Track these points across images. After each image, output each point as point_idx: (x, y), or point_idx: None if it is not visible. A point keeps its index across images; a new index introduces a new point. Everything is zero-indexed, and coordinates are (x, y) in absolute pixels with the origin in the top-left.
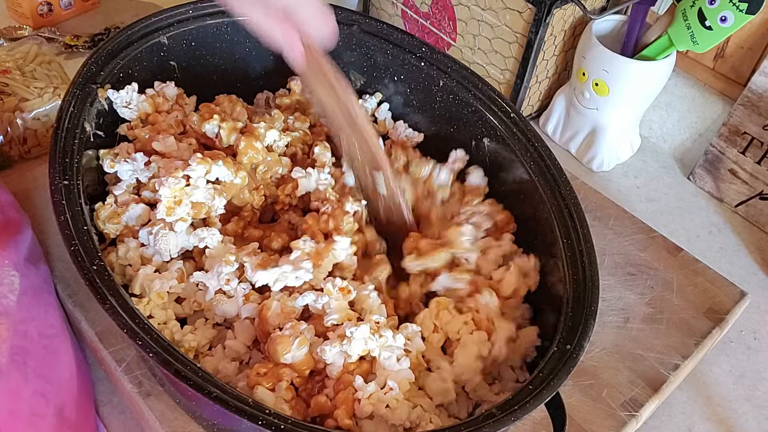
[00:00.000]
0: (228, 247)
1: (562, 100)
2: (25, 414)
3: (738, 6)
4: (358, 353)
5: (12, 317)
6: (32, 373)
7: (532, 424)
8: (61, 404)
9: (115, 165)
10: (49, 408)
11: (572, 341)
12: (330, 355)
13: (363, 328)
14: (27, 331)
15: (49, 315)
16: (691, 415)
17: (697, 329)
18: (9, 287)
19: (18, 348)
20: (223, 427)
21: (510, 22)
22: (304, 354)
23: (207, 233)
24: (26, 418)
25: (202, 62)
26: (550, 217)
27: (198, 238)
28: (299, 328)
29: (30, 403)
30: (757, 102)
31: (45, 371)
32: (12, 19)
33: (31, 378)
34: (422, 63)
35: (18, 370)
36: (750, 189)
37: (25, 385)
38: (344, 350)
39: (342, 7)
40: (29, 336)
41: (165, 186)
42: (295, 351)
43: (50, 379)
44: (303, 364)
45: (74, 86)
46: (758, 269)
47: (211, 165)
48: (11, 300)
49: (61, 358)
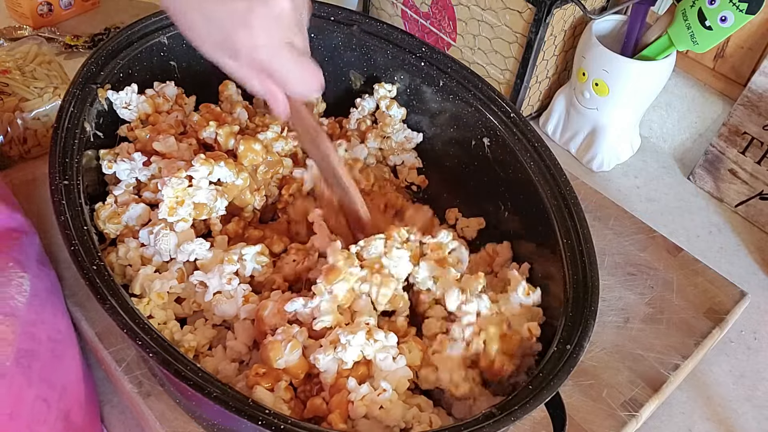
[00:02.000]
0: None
1: (562, 100)
2: (25, 419)
3: (738, 6)
4: (353, 359)
5: (20, 319)
6: (37, 378)
7: (532, 424)
8: (66, 409)
9: (113, 165)
10: (51, 414)
11: (572, 341)
12: (324, 362)
13: (359, 335)
14: (35, 334)
15: (58, 319)
16: (691, 415)
17: (697, 329)
18: (17, 289)
19: (24, 351)
20: (223, 427)
21: (510, 22)
22: (298, 358)
23: (194, 245)
24: (26, 423)
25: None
26: (551, 218)
27: (186, 253)
28: (291, 332)
29: (31, 408)
30: (757, 102)
31: (50, 376)
32: (12, 19)
33: (35, 382)
34: (422, 63)
35: (23, 373)
36: (750, 189)
37: (28, 389)
38: (339, 357)
39: (342, 7)
40: (37, 339)
41: (168, 186)
42: (288, 356)
43: (54, 385)
44: (297, 368)
45: (74, 86)
46: (758, 269)
47: (213, 166)
48: (19, 302)
49: (68, 363)
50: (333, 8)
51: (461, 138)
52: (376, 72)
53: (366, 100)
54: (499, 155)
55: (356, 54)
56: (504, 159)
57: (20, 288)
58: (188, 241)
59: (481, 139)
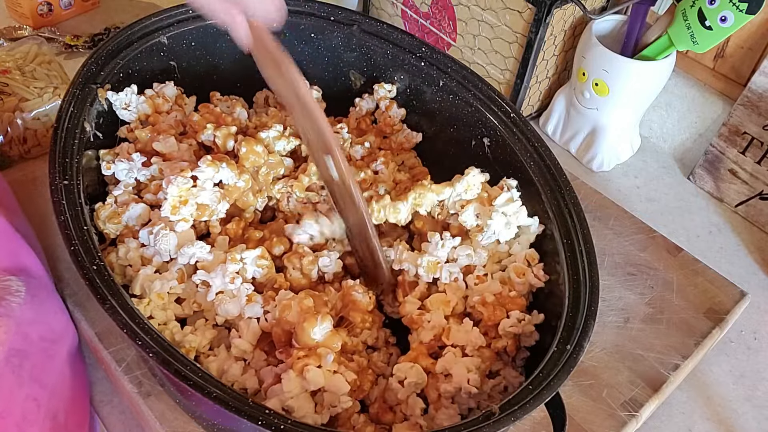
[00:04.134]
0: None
1: (562, 100)
2: (14, 418)
3: (738, 6)
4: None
5: (14, 319)
6: (27, 377)
7: (532, 424)
8: (55, 409)
9: (111, 166)
10: (40, 413)
11: (572, 341)
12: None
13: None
14: (28, 334)
15: (55, 319)
16: (691, 415)
17: (697, 329)
18: (10, 290)
19: (15, 351)
20: (223, 427)
21: (510, 22)
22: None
23: (195, 249)
24: (15, 422)
25: (202, 62)
26: (551, 218)
27: (186, 256)
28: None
29: (22, 408)
30: (757, 102)
31: (41, 376)
32: (12, 19)
33: (26, 382)
34: (422, 63)
35: (13, 372)
36: (750, 189)
37: (18, 389)
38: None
39: (342, 7)
40: (29, 339)
41: (173, 184)
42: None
43: (45, 384)
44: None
45: (74, 86)
46: (758, 269)
47: (219, 167)
48: (13, 302)
49: (60, 363)
50: (333, 8)
51: (461, 138)
52: (376, 72)
53: (366, 100)
54: (499, 155)
55: (356, 54)
56: (504, 159)
57: (14, 289)
58: (188, 244)
59: (481, 139)
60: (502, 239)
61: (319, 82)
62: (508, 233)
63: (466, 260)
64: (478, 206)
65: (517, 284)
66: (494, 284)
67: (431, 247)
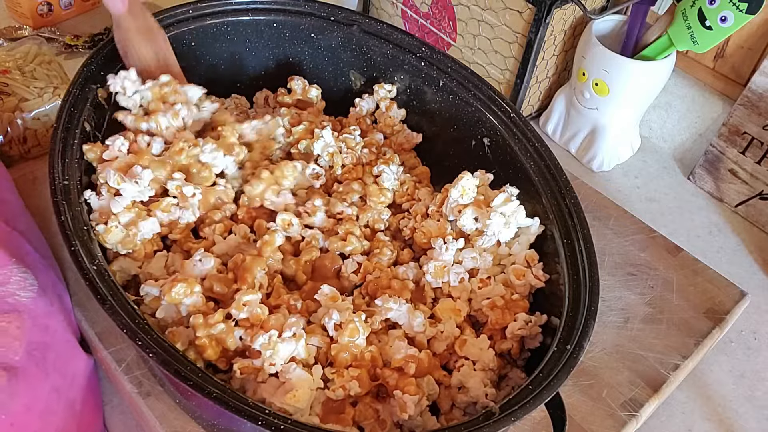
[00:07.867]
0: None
1: (562, 100)
2: (39, 409)
3: (738, 6)
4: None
5: (29, 313)
6: (51, 368)
7: (532, 424)
8: (72, 398)
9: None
10: (60, 403)
11: (572, 341)
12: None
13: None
14: (48, 326)
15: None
16: (691, 415)
17: (697, 329)
18: (19, 285)
19: (36, 343)
20: (223, 427)
21: (510, 22)
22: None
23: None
24: (39, 413)
25: (202, 62)
26: (550, 218)
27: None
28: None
29: (46, 399)
30: (757, 102)
31: (63, 366)
32: (12, 19)
33: (51, 373)
34: (422, 63)
35: (37, 365)
36: (750, 189)
37: (44, 381)
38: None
39: (342, 7)
40: (51, 330)
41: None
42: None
43: (66, 374)
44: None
45: (74, 86)
46: (758, 269)
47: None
48: (23, 297)
49: (78, 352)
50: (333, 8)
51: (461, 138)
52: (376, 72)
53: (366, 101)
54: (499, 155)
55: (356, 54)
56: (504, 159)
57: (24, 283)
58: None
59: (481, 139)
60: (502, 240)
61: (319, 82)
62: (508, 233)
63: (471, 263)
64: (476, 209)
65: (518, 286)
66: (498, 287)
67: (436, 252)
